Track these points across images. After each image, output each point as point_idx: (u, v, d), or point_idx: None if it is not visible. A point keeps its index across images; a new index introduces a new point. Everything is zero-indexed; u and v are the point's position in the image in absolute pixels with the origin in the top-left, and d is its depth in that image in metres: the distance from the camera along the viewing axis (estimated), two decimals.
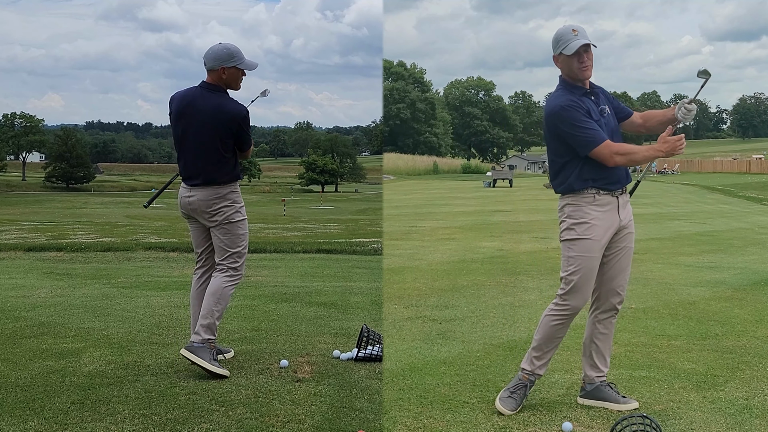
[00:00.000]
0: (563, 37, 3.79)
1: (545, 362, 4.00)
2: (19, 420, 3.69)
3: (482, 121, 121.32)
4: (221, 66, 4.55)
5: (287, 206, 42.47)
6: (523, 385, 3.94)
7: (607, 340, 4.07)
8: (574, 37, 3.77)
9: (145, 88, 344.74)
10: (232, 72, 4.60)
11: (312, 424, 3.68)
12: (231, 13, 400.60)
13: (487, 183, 44.20)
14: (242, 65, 4.62)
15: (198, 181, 4.61)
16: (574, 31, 3.78)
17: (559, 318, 3.91)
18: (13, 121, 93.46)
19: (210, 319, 4.56)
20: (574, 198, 3.86)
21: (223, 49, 4.56)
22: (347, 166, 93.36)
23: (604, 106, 3.93)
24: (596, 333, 4.05)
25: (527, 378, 3.96)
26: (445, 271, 8.96)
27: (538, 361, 3.97)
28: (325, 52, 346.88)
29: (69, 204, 51.05)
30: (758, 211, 22.88)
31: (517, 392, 3.92)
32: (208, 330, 4.54)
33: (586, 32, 3.81)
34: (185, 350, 4.48)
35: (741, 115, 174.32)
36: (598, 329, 4.04)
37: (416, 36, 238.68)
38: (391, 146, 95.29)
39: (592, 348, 4.06)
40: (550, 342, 3.96)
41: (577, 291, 3.86)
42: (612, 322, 4.07)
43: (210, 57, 4.57)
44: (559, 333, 3.95)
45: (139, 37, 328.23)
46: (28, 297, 7.38)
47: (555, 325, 3.92)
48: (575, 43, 3.76)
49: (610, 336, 4.08)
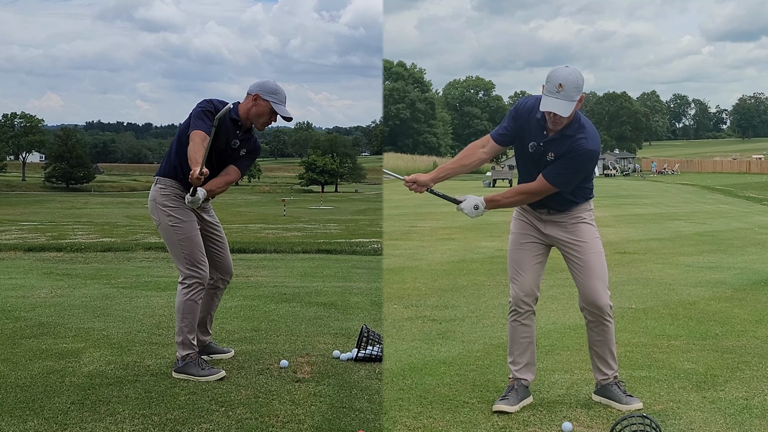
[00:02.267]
0: (548, 83, 3.67)
1: (522, 367, 4.03)
2: (19, 420, 3.69)
3: (482, 120, 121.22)
4: (257, 92, 4.45)
5: (287, 206, 42.43)
6: (512, 387, 3.99)
7: (603, 345, 4.04)
8: (552, 93, 3.63)
9: (144, 88, 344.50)
10: (263, 105, 4.47)
11: (312, 424, 3.68)
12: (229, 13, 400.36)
13: (487, 183, 44.21)
14: (277, 107, 4.47)
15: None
16: (559, 86, 3.62)
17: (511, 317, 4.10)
18: (13, 121, 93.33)
19: (181, 335, 4.53)
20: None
21: (272, 84, 4.49)
22: (347, 166, 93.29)
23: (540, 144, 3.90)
24: (593, 340, 4.07)
25: (512, 382, 4.01)
26: (445, 271, 8.96)
27: (513, 366, 4.06)
28: (323, 52, 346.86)
29: (69, 204, 51.04)
30: (758, 211, 22.88)
31: (509, 394, 3.95)
32: (183, 346, 4.51)
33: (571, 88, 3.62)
34: (175, 373, 4.48)
35: (741, 115, 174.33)
36: (593, 336, 4.07)
37: (417, 36, 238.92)
38: (391, 146, 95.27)
39: (592, 353, 4.10)
40: (512, 343, 4.07)
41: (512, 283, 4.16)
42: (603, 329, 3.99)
43: (258, 85, 4.49)
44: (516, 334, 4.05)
45: (137, 37, 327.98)
46: (28, 297, 7.38)
47: (509, 324, 4.12)
48: (545, 103, 3.66)
49: (605, 341, 4.03)
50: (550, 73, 3.69)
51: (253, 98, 4.48)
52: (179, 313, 4.51)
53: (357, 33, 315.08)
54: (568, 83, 3.62)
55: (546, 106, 3.67)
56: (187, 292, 4.51)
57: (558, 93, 3.63)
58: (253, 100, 4.49)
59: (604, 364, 4.05)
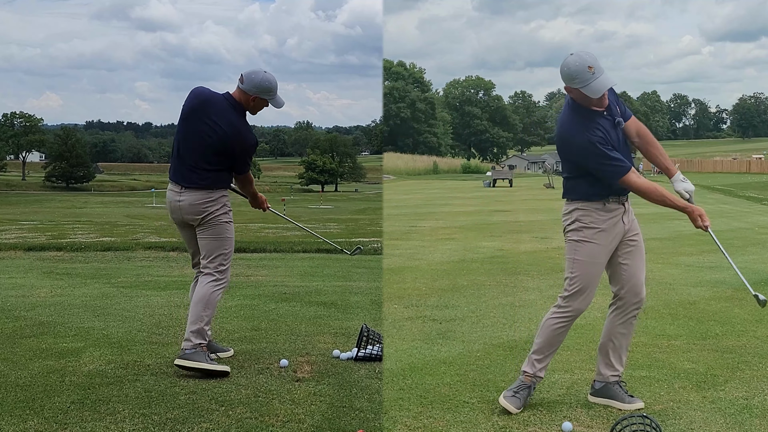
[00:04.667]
0: (580, 75, 3.68)
1: (546, 365, 4.02)
2: (19, 419, 3.68)
3: (482, 120, 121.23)
4: (256, 95, 4.62)
5: (287, 206, 42.41)
6: (527, 386, 3.94)
7: (625, 340, 4.06)
8: (592, 76, 3.67)
9: (143, 87, 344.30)
10: (260, 102, 4.68)
11: (312, 424, 3.68)
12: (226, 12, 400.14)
13: (487, 183, 44.17)
14: (272, 102, 4.71)
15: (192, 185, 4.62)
16: (590, 68, 3.66)
17: (562, 322, 3.93)
18: (13, 120, 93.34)
19: (199, 324, 4.54)
20: (585, 204, 3.89)
21: (266, 82, 4.61)
22: (347, 166, 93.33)
23: (618, 118, 3.88)
24: (615, 333, 4.04)
25: (530, 380, 3.96)
26: (445, 271, 8.96)
27: (540, 363, 3.98)
28: (320, 51, 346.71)
29: (69, 204, 51.02)
30: (758, 211, 22.87)
31: (521, 392, 3.92)
32: (198, 335, 4.53)
33: (599, 64, 3.69)
34: (179, 359, 4.47)
35: (741, 115, 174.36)
36: (618, 329, 4.04)
37: (418, 36, 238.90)
38: (391, 146, 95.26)
39: (609, 347, 4.06)
40: (551, 345, 3.98)
41: (580, 294, 3.88)
42: (632, 322, 4.06)
43: (252, 83, 4.60)
44: (560, 336, 3.97)
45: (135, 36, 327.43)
46: (27, 296, 7.38)
47: (557, 329, 3.94)
48: (597, 85, 3.68)
49: (629, 336, 4.07)
50: (569, 69, 3.70)
51: (252, 98, 4.64)
52: (202, 303, 4.58)
53: (354, 32, 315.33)
54: (594, 61, 3.68)
55: (600, 87, 3.69)
56: (217, 287, 4.66)
57: (595, 74, 3.67)
58: (252, 100, 4.65)
59: (618, 359, 4.05)
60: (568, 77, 3.74)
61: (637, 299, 4.00)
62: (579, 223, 3.89)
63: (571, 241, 3.91)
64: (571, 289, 3.89)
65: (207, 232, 4.69)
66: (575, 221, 3.90)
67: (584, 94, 3.74)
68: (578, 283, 3.87)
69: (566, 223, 3.96)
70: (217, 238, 4.70)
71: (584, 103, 3.82)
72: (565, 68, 3.74)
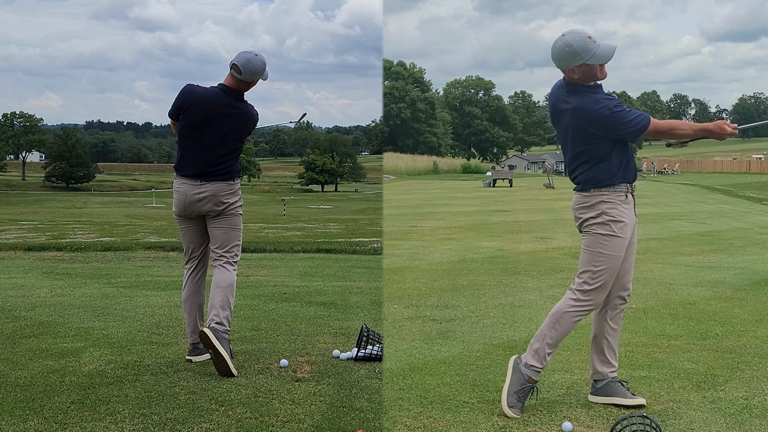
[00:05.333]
0: (584, 48, 3.71)
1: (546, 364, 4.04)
2: (19, 419, 3.68)
3: (482, 120, 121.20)
4: (253, 79, 4.71)
5: (287, 206, 42.47)
6: (531, 389, 3.91)
7: (616, 335, 4.11)
8: (596, 44, 3.73)
9: (142, 87, 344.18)
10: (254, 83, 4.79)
11: (312, 424, 3.68)
12: (225, 12, 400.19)
13: (487, 183, 44.15)
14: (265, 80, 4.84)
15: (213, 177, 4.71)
16: (590, 38, 3.73)
17: (581, 315, 3.95)
18: (13, 120, 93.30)
19: (228, 310, 4.64)
20: (609, 195, 3.85)
21: (261, 65, 4.68)
22: (347, 166, 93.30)
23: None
24: (607, 329, 4.06)
25: (533, 380, 3.92)
26: (445, 271, 8.96)
27: (549, 357, 3.99)
28: (319, 51, 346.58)
29: (69, 204, 51.04)
30: (758, 211, 22.88)
31: (524, 396, 3.90)
32: (228, 321, 4.63)
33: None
34: (209, 330, 4.46)
35: (741, 115, 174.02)
36: (609, 325, 4.07)
37: (418, 36, 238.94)
38: (391, 146, 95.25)
39: (604, 344, 4.07)
40: (562, 339, 3.99)
41: (604, 288, 3.92)
42: (621, 316, 4.12)
43: (250, 73, 4.66)
44: (573, 328, 4.00)
45: (134, 36, 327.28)
46: (27, 297, 7.38)
47: (575, 321, 3.96)
48: (605, 50, 3.74)
49: (618, 331, 4.12)
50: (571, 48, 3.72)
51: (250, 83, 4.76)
52: (230, 288, 4.72)
53: (353, 32, 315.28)
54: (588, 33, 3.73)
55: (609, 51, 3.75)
56: (234, 272, 4.81)
57: (596, 41, 3.73)
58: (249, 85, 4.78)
59: (613, 355, 4.07)
60: (572, 55, 3.73)
61: (626, 293, 4.08)
62: (606, 217, 3.85)
63: (596, 235, 3.87)
64: (594, 283, 3.88)
65: (224, 222, 4.79)
66: (602, 214, 3.86)
67: (590, 67, 3.76)
68: (603, 277, 3.88)
69: (586, 216, 3.90)
70: (234, 229, 4.83)
71: (588, 79, 3.82)
72: (566, 48, 3.73)
